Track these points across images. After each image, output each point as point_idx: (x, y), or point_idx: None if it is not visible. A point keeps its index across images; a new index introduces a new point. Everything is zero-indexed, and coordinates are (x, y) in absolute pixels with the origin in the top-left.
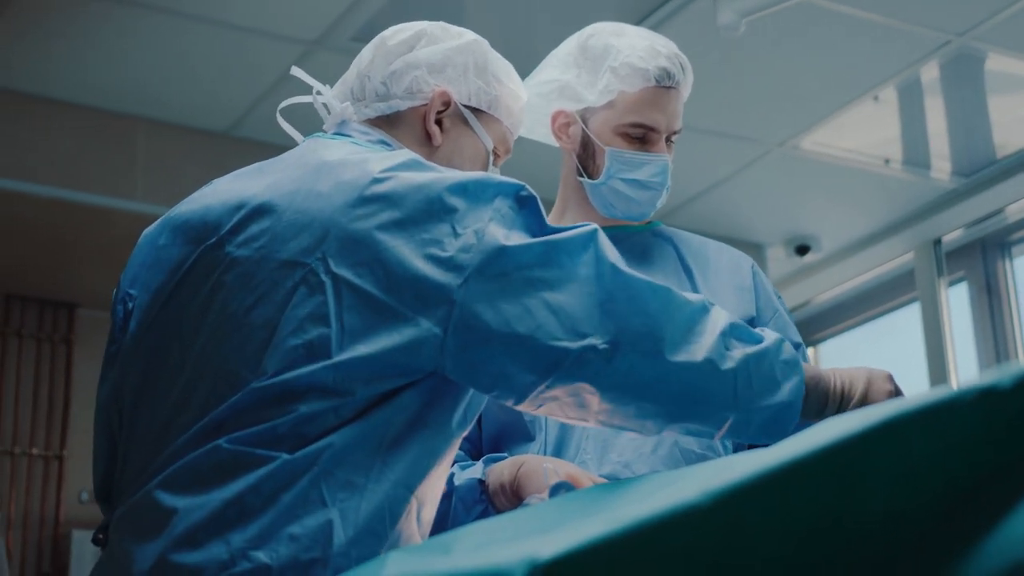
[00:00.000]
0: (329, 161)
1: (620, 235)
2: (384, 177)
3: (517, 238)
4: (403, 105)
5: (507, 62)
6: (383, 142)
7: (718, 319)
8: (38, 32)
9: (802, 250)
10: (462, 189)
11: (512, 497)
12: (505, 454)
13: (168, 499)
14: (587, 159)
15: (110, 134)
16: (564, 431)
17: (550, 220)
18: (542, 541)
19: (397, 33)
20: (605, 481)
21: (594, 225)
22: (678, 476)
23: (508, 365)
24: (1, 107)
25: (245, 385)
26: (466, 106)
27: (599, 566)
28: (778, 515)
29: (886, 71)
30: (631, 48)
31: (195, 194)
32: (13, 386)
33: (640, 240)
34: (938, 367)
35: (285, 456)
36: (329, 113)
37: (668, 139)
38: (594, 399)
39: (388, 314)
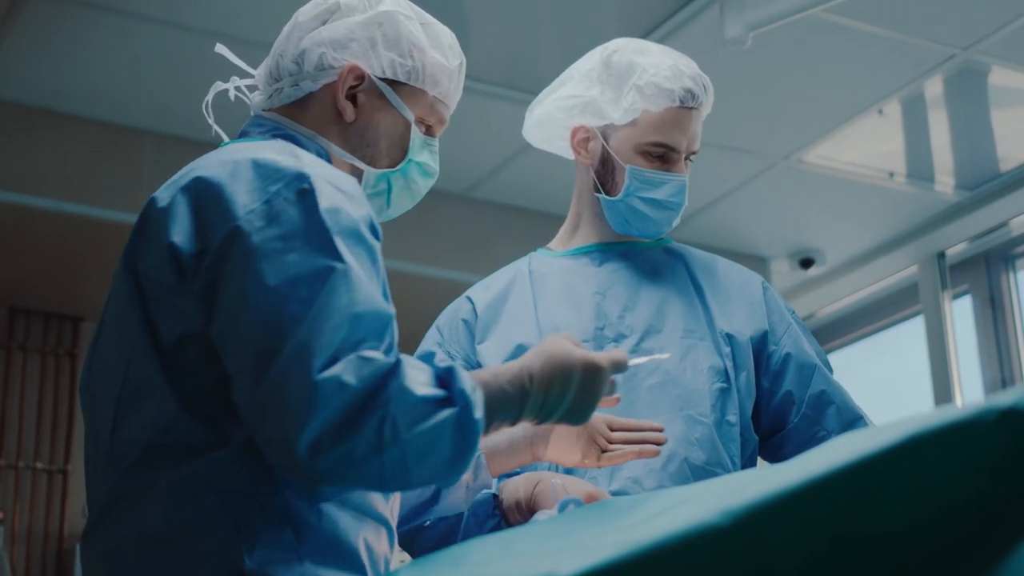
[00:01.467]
0: (191, 167)
1: (631, 251)
2: (198, 168)
3: (267, 237)
4: (314, 86)
5: (440, 28)
6: (275, 132)
7: (389, 395)
8: (44, 46)
9: (806, 263)
10: (241, 176)
11: (527, 514)
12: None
13: (95, 545)
14: (606, 175)
15: (116, 147)
16: None
17: (561, 234)
18: (561, 558)
19: (311, 8)
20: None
21: (342, 265)
22: (690, 493)
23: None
24: (7, 120)
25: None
26: (383, 79)
27: None
28: (797, 534)
29: (890, 85)
30: (656, 67)
31: None
32: (17, 400)
33: (651, 257)
34: (942, 380)
35: (165, 480)
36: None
37: (687, 158)
38: None
39: (168, 299)
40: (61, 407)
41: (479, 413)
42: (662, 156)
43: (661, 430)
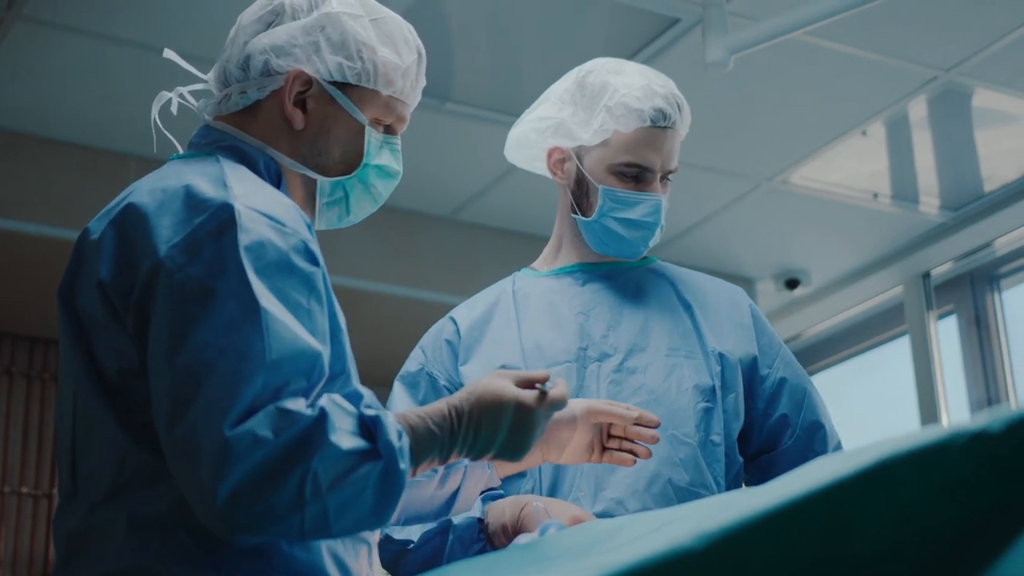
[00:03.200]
0: (126, 193)
1: (615, 272)
2: (131, 195)
3: (188, 276)
4: (261, 94)
5: (394, 23)
6: (221, 143)
7: (312, 450)
8: (28, 71)
9: (792, 284)
10: (169, 206)
11: (513, 537)
12: (501, 491)
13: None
14: (581, 196)
15: (101, 171)
16: (559, 468)
17: (545, 254)
18: None
19: (254, 10)
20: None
21: (258, 309)
22: (670, 516)
23: None
24: None
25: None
26: (332, 82)
27: None
28: (772, 557)
29: (874, 106)
30: (627, 87)
31: None
32: (3, 424)
33: (635, 276)
34: (928, 400)
35: (128, 516)
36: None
37: (664, 178)
38: None
39: (105, 335)
40: (46, 431)
41: (404, 464)
42: (636, 176)
43: (657, 424)
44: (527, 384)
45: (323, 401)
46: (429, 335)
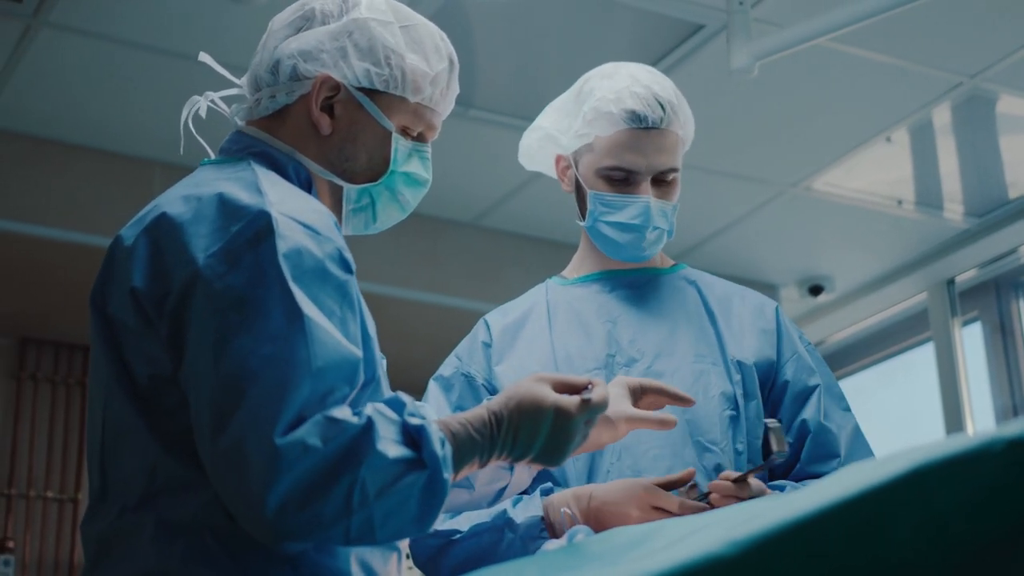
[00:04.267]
0: (159, 200)
1: (641, 279)
2: (165, 202)
3: (227, 285)
4: (289, 98)
5: (424, 30)
6: (252, 149)
7: (360, 459)
8: (54, 77)
9: (816, 290)
10: (204, 214)
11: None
12: (550, 485)
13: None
14: (581, 202)
15: (126, 177)
16: (589, 472)
17: (573, 261)
18: None
19: (286, 15)
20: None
21: (301, 317)
22: (699, 523)
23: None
24: (17, 151)
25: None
26: (360, 88)
27: None
28: (803, 565)
29: (898, 113)
30: (607, 91)
31: None
32: (29, 429)
33: (662, 283)
34: (953, 406)
35: (157, 519)
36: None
37: (662, 179)
38: None
39: (137, 342)
40: (71, 436)
41: (448, 474)
42: (624, 179)
43: (693, 404)
44: (566, 388)
45: (368, 410)
46: (464, 341)
